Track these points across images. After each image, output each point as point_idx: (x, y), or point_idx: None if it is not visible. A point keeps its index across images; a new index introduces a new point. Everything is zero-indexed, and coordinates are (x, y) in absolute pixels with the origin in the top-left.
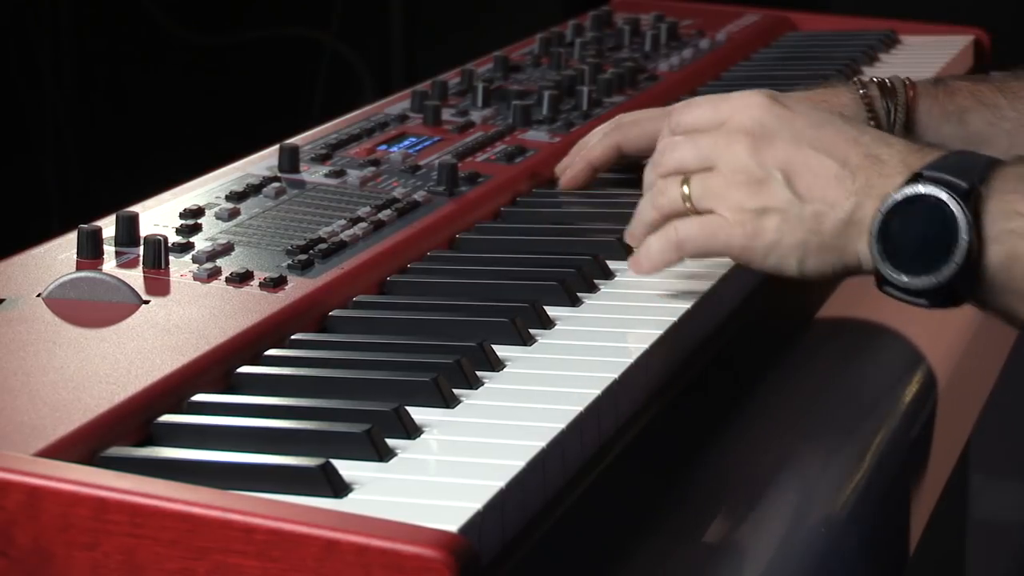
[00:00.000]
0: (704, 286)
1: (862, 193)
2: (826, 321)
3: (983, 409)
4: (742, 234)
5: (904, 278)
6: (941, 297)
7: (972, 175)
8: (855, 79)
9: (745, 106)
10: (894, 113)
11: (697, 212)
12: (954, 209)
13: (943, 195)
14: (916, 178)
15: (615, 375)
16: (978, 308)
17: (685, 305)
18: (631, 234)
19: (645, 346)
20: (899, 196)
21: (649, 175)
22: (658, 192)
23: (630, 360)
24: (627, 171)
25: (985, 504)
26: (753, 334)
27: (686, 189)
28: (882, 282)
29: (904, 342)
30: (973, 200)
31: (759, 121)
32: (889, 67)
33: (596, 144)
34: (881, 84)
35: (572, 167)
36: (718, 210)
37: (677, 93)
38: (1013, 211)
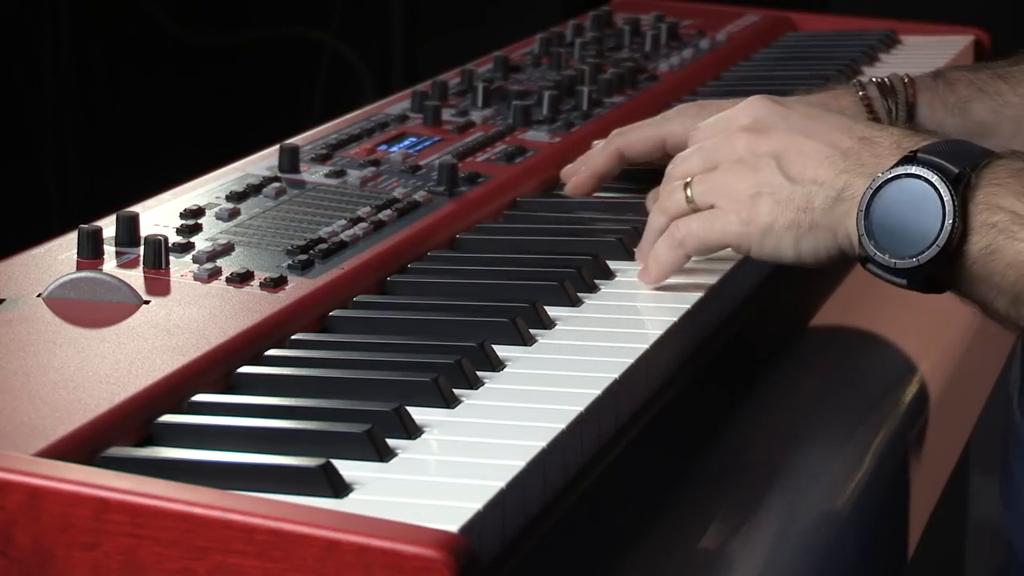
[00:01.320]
0: (705, 285)
1: (852, 172)
2: (821, 329)
3: (983, 409)
4: (738, 220)
5: (886, 257)
6: (920, 279)
7: (964, 162)
8: (855, 81)
9: (744, 106)
10: (895, 112)
11: (699, 211)
12: (942, 192)
13: (933, 177)
14: (909, 159)
15: (615, 375)
16: (957, 296)
17: (685, 305)
18: (641, 248)
19: (645, 346)
20: (890, 174)
21: (662, 188)
22: (665, 197)
23: (630, 360)
24: (627, 173)
25: (985, 504)
26: (750, 337)
27: (689, 192)
28: (865, 260)
29: (901, 344)
30: (962, 187)
31: (755, 117)
32: (889, 67)
33: (599, 153)
34: (881, 84)
35: (577, 175)
36: (717, 203)
37: (677, 93)
38: (996, 205)
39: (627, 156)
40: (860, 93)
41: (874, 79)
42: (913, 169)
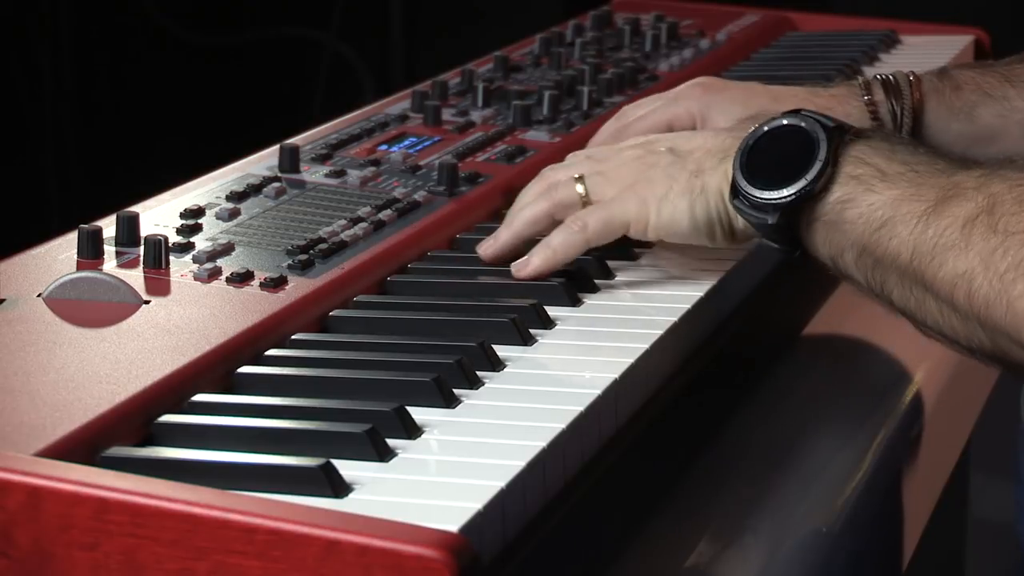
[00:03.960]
0: (705, 286)
1: (737, 136)
2: (817, 334)
3: (983, 409)
4: (635, 199)
5: (753, 189)
6: (782, 220)
7: (842, 123)
8: (860, 82)
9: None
10: (901, 117)
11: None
12: (819, 137)
13: (812, 125)
14: (792, 113)
15: (615, 375)
16: (812, 255)
17: (685, 305)
18: (513, 229)
19: (645, 346)
20: (772, 123)
21: (540, 185)
22: (551, 187)
23: (630, 360)
24: None
25: (985, 504)
26: (748, 340)
27: (580, 188)
28: (734, 194)
29: (898, 347)
30: (836, 139)
31: (643, 137)
32: (889, 67)
33: (603, 142)
34: (886, 84)
35: None
36: (611, 192)
37: None
38: (864, 160)
39: None
40: (865, 97)
41: (878, 76)
42: (794, 119)
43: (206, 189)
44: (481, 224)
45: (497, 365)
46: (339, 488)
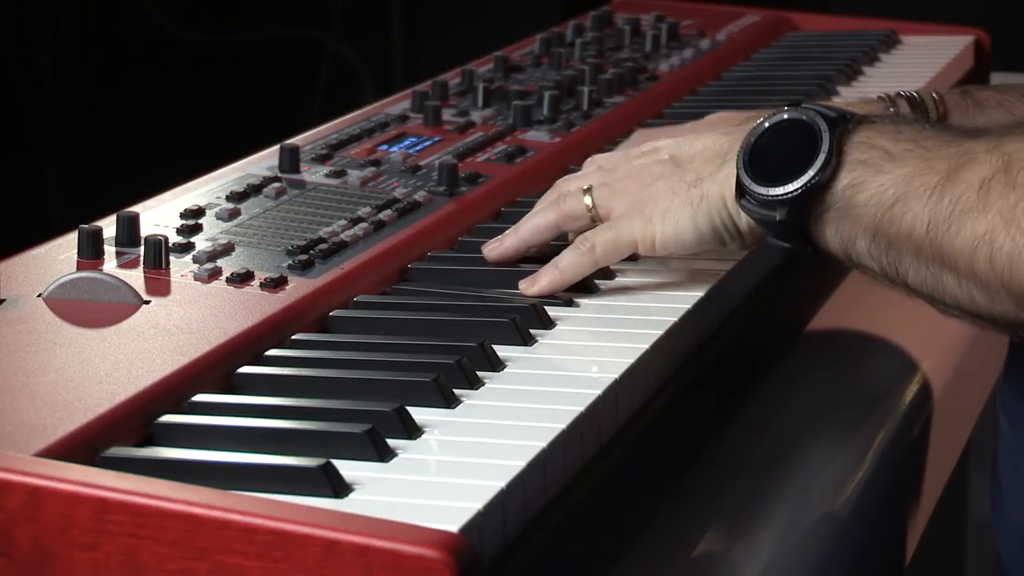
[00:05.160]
0: (705, 286)
1: (735, 138)
2: (820, 331)
3: (983, 409)
4: (640, 217)
5: (759, 187)
6: (791, 215)
7: (845, 111)
8: (883, 95)
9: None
10: None
11: (599, 219)
12: (821, 128)
13: (814, 117)
14: (793, 107)
15: (615, 375)
16: (823, 248)
17: (685, 306)
18: (519, 236)
19: (645, 346)
20: (774, 119)
21: (551, 196)
22: (559, 199)
23: (630, 360)
24: None
25: (985, 504)
26: (750, 339)
27: (587, 200)
28: (740, 193)
29: (901, 345)
30: (840, 128)
31: (652, 145)
32: (889, 67)
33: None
34: (911, 100)
35: None
36: (618, 206)
37: (677, 93)
38: (870, 144)
39: None
40: (891, 109)
41: (902, 93)
42: (794, 112)
43: (206, 189)
44: (481, 224)
45: (497, 365)
46: (339, 488)
